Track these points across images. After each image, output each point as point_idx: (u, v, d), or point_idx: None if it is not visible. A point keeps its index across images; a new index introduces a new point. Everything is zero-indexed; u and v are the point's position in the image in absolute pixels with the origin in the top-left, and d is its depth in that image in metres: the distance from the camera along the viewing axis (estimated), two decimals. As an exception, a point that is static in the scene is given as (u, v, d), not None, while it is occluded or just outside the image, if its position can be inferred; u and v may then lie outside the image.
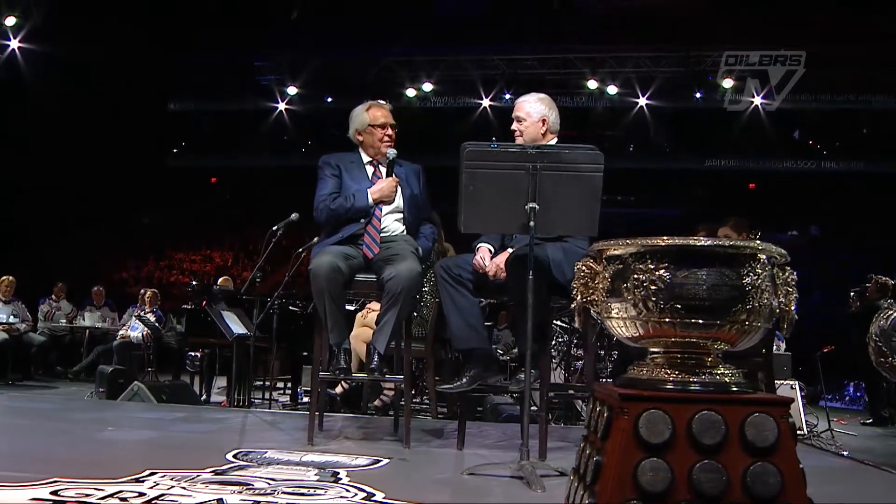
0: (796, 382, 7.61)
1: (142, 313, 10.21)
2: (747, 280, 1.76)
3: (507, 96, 19.77)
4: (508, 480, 2.97)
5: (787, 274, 1.86)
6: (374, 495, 2.52)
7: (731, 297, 1.75)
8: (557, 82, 20.25)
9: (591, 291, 1.88)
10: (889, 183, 18.94)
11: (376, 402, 6.57)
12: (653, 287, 1.75)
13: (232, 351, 7.48)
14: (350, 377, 4.37)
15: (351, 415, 6.17)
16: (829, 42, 17.12)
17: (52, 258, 16.57)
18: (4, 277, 10.63)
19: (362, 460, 3.28)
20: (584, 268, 1.91)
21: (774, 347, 8.65)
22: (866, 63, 18.01)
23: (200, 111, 22.18)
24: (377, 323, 3.94)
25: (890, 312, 1.76)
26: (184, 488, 2.49)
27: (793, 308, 1.84)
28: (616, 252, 1.89)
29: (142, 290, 11.07)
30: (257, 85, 21.29)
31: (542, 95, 4.10)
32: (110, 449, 3.69)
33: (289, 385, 8.45)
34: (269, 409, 6.88)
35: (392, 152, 4.11)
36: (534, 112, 3.95)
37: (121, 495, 2.36)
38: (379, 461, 3.28)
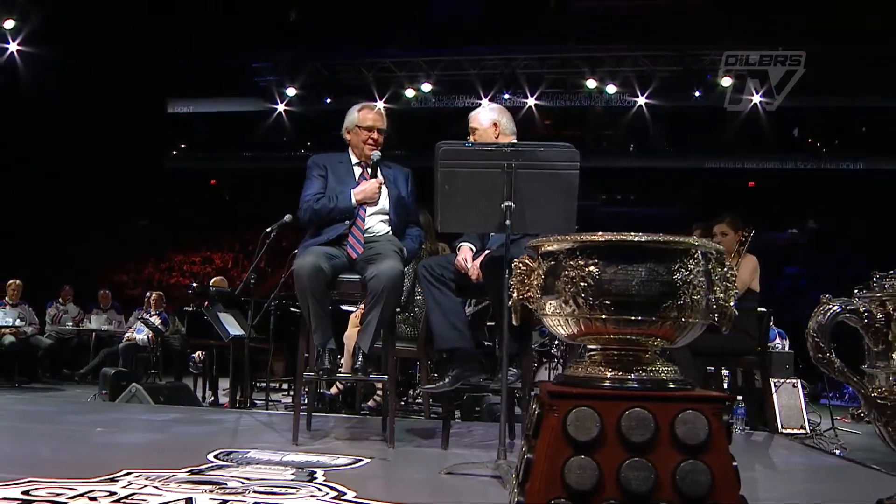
0: (799, 381, 7.58)
1: (147, 316, 10.29)
2: (678, 276, 1.73)
3: (507, 96, 19.77)
4: (486, 480, 2.96)
5: (724, 269, 1.83)
6: (344, 494, 2.51)
7: (661, 293, 1.72)
8: (556, 81, 20.29)
9: (526, 288, 1.86)
10: (888, 182, 18.91)
11: (370, 403, 6.57)
12: (582, 283, 1.74)
13: (229, 352, 7.55)
14: (334, 377, 4.37)
15: (344, 415, 6.16)
16: (828, 41, 17.09)
17: (51, 261, 16.59)
18: (11, 281, 10.70)
19: (343, 460, 3.28)
20: (520, 265, 1.90)
21: (779, 346, 8.64)
22: (866, 62, 17.97)
23: (199, 113, 22.23)
24: (361, 323, 3.94)
25: (828, 307, 1.74)
26: (156, 487, 2.49)
27: (731, 304, 1.82)
28: (550, 248, 1.87)
29: (147, 293, 11.14)
30: (256, 86, 21.32)
31: (493, 105, 4.21)
32: (94, 450, 3.69)
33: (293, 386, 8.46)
34: (266, 409, 6.89)
35: (376, 155, 4.12)
36: (484, 119, 4.02)
37: (91, 495, 2.35)
38: (360, 461, 3.28)
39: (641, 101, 20.08)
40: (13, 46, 17.11)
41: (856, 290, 1.88)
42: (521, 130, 4.17)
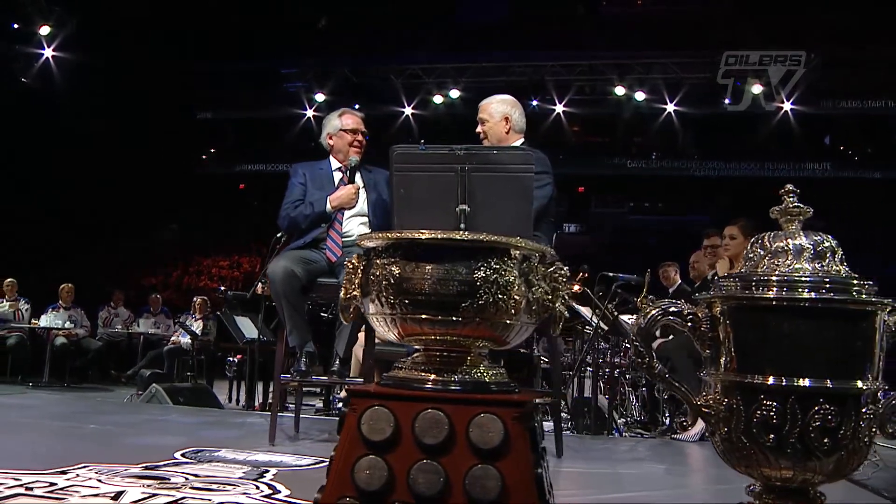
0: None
1: (192, 320, 10.57)
2: (479, 275, 1.68)
3: (535, 103, 19.62)
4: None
5: (551, 269, 1.79)
6: (278, 493, 2.50)
7: (458, 293, 1.67)
8: (584, 88, 20.19)
9: (353, 288, 1.83)
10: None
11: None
12: (384, 282, 1.71)
13: (246, 354, 7.67)
14: (307, 380, 4.39)
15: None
16: (862, 45, 16.81)
17: (84, 265, 16.86)
18: (64, 284, 11.04)
19: (307, 461, 3.28)
20: (349, 263, 1.88)
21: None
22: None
23: (228, 119, 22.51)
24: (336, 328, 3.99)
25: (648, 310, 1.69)
26: (99, 481, 2.49)
27: (557, 304, 1.77)
28: (367, 245, 1.85)
29: (194, 298, 11.52)
30: (285, 92, 21.51)
31: (506, 96, 4.13)
32: (67, 444, 3.75)
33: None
34: (288, 412, 6.92)
35: (354, 159, 4.15)
36: (496, 112, 3.98)
37: (31, 485, 2.37)
38: (322, 462, 3.27)
39: (670, 107, 19.86)
40: (48, 52, 17.48)
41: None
42: (549, 137, 4.11)
